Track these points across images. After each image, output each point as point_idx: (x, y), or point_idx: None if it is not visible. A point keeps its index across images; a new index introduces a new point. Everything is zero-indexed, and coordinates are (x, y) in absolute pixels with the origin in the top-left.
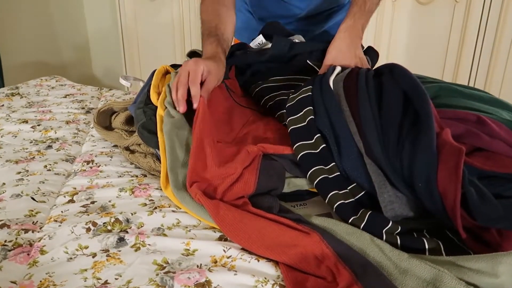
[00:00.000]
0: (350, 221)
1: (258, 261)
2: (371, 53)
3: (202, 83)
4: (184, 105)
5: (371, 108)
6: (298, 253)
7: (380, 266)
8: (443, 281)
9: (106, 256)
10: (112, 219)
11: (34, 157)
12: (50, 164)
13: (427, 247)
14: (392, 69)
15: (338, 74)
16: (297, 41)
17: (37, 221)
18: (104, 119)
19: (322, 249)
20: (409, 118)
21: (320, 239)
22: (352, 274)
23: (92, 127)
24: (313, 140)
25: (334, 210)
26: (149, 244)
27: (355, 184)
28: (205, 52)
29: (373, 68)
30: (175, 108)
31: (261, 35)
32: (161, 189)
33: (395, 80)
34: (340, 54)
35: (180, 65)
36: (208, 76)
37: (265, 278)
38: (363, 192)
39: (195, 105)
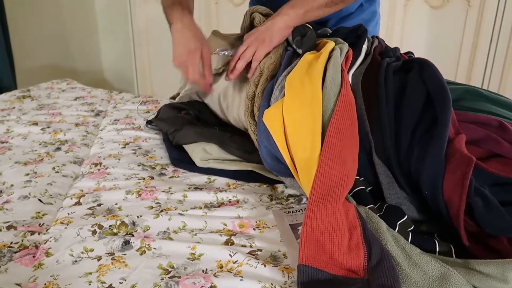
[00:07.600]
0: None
1: (265, 266)
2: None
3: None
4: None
5: (388, 108)
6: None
7: (390, 255)
8: (450, 280)
9: (111, 259)
10: (118, 222)
11: (42, 159)
12: (58, 166)
13: (438, 249)
14: (423, 66)
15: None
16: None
17: (43, 223)
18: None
19: (355, 218)
20: (424, 124)
21: (355, 209)
22: (366, 258)
23: (102, 130)
24: None
25: (351, 194)
26: (154, 248)
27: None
28: (176, 17)
29: (402, 61)
30: None
31: None
32: (167, 192)
33: (423, 80)
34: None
35: None
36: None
37: (272, 284)
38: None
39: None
